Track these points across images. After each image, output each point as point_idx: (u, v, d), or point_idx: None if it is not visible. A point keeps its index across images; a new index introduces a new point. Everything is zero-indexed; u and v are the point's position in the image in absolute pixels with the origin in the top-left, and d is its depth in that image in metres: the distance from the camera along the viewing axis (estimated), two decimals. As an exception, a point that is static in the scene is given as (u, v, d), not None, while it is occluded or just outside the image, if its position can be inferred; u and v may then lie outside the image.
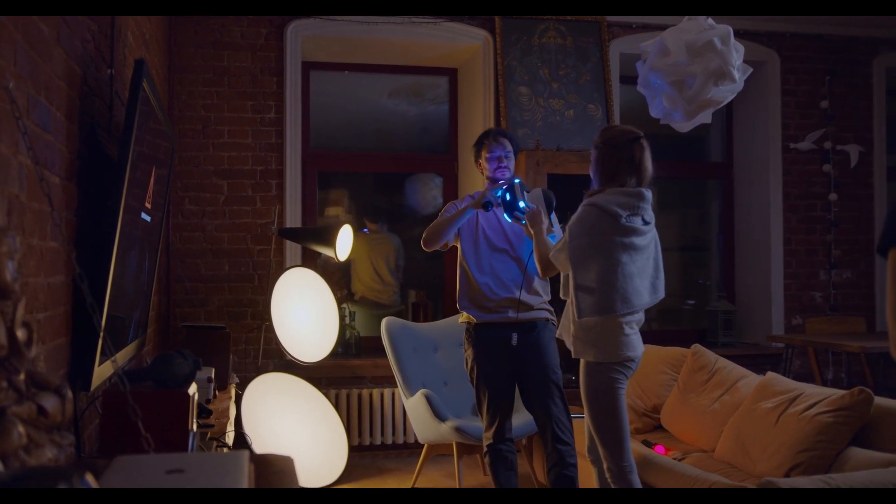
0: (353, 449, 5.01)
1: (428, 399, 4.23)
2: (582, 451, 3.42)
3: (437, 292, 6.01)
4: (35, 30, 1.90)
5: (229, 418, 3.38)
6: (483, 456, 3.72)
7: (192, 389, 2.14)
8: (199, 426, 2.50)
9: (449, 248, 3.87)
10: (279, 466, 1.40)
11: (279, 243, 5.11)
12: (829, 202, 6.04)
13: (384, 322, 4.61)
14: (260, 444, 4.16)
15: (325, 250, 4.74)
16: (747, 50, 3.53)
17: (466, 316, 3.71)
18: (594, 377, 2.97)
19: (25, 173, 1.80)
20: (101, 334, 2.03)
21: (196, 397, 2.21)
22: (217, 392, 3.51)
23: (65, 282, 2.20)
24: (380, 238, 6.19)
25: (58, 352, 2.12)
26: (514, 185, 3.46)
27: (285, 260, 5.15)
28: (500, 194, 3.52)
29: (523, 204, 3.44)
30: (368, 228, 6.21)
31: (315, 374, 4.98)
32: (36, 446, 1.24)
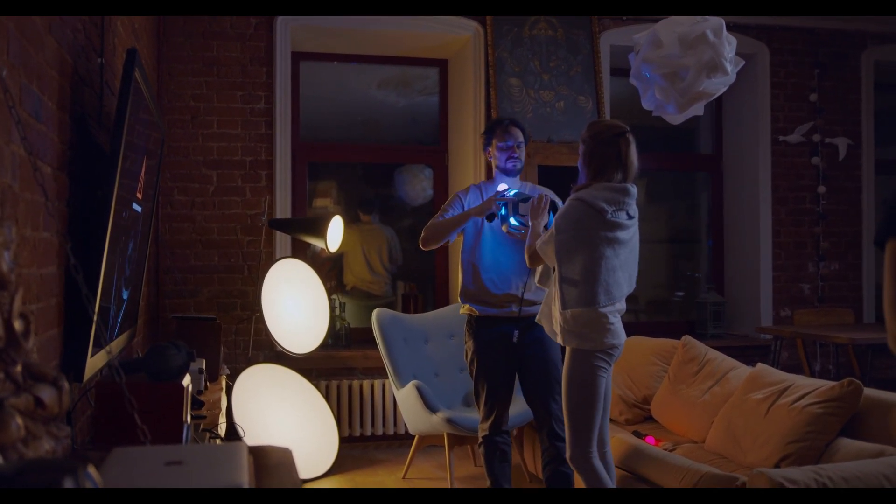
0: (344, 440, 5.01)
1: (419, 390, 4.23)
2: None
3: (428, 284, 6.01)
4: (27, 18, 1.88)
5: (221, 410, 3.37)
6: (478, 446, 3.72)
7: (186, 381, 2.14)
8: (192, 417, 2.49)
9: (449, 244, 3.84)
10: (278, 458, 1.40)
11: (269, 234, 5.09)
12: (818, 195, 6.07)
13: (375, 313, 4.60)
14: (251, 436, 4.15)
15: (316, 241, 4.73)
16: (737, 43, 3.53)
17: (468, 308, 3.69)
18: (579, 364, 3.08)
19: (18, 163, 1.78)
20: (95, 323, 2.02)
21: (190, 389, 2.20)
22: (208, 383, 3.50)
23: (56, 273, 2.18)
24: (372, 229, 6.17)
25: (50, 343, 2.10)
26: (510, 202, 3.50)
27: (275, 251, 5.13)
28: (502, 205, 3.54)
29: (514, 221, 3.49)
30: (361, 219, 6.19)
31: (305, 366, 4.97)
32: (34, 438, 1.23)
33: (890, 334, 1.91)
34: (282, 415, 4.58)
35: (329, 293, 5.01)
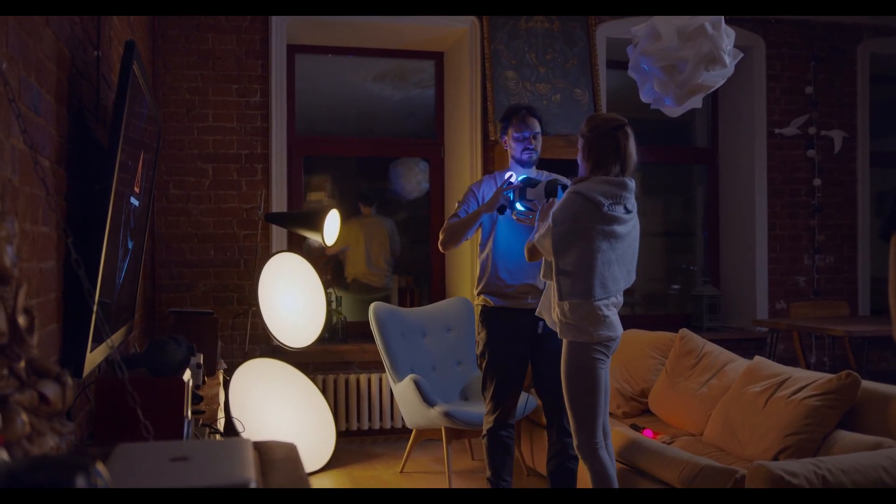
0: (341, 434, 5.00)
1: (417, 384, 4.22)
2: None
3: (424, 277, 6.00)
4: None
5: (219, 404, 3.36)
6: (481, 437, 3.70)
7: (187, 376, 2.13)
8: (192, 412, 2.48)
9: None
10: (283, 453, 1.39)
11: (265, 228, 5.07)
12: (814, 187, 6.08)
13: (372, 307, 4.59)
14: (248, 430, 4.14)
15: (313, 235, 4.71)
16: (734, 35, 3.52)
17: (483, 298, 3.66)
18: (576, 356, 3.09)
19: (18, 157, 1.76)
20: (95, 318, 2.01)
21: (190, 384, 2.19)
22: (206, 378, 3.49)
23: (55, 267, 2.17)
24: (373, 221, 6.16)
25: (49, 338, 2.09)
26: (516, 188, 3.48)
27: (271, 245, 5.11)
28: (509, 194, 3.52)
29: (521, 206, 3.48)
30: (363, 211, 6.18)
31: (302, 360, 4.96)
32: (38, 435, 1.22)
33: (895, 325, 1.92)
34: (279, 409, 4.57)
35: (325, 287, 5.00)
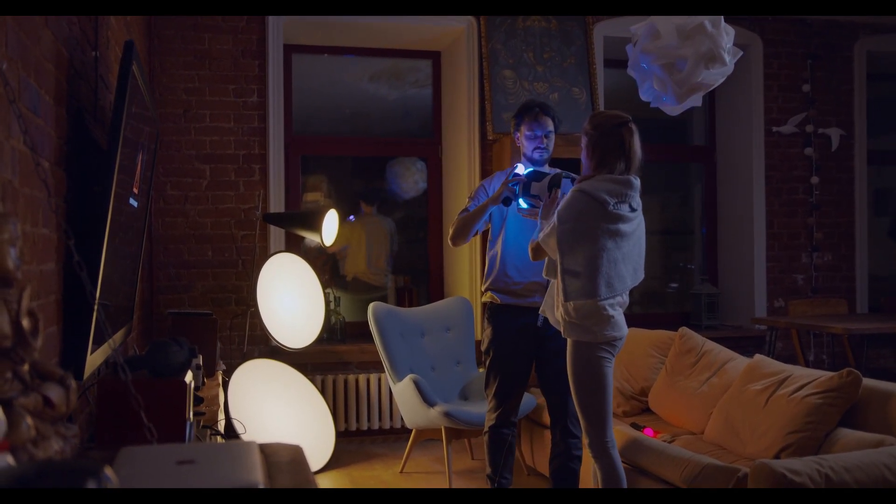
0: (340, 435, 4.99)
1: (417, 384, 4.21)
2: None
3: (422, 277, 5.98)
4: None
5: (220, 405, 3.35)
6: (483, 434, 3.69)
7: (189, 378, 2.11)
8: (193, 414, 2.47)
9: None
10: (289, 455, 1.38)
11: (263, 228, 5.06)
12: (811, 185, 6.09)
13: (371, 307, 4.58)
14: (249, 432, 4.13)
15: (311, 235, 4.70)
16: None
17: (490, 295, 3.64)
18: (581, 356, 3.08)
19: (18, 158, 1.75)
20: (95, 320, 2.00)
21: (192, 385, 2.18)
22: (205, 379, 3.48)
23: (55, 269, 2.15)
24: (375, 221, 6.15)
25: (49, 341, 2.07)
26: (522, 182, 3.43)
27: (269, 245, 5.09)
28: (515, 187, 3.47)
29: (524, 203, 3.45)
30: (364, 210, 6.17)
31: (300, 360, 4.94)
32: (43, 438, 1.21)
33: None
34: (278, 410, 4.56)
35: (324, 287, 4.98)
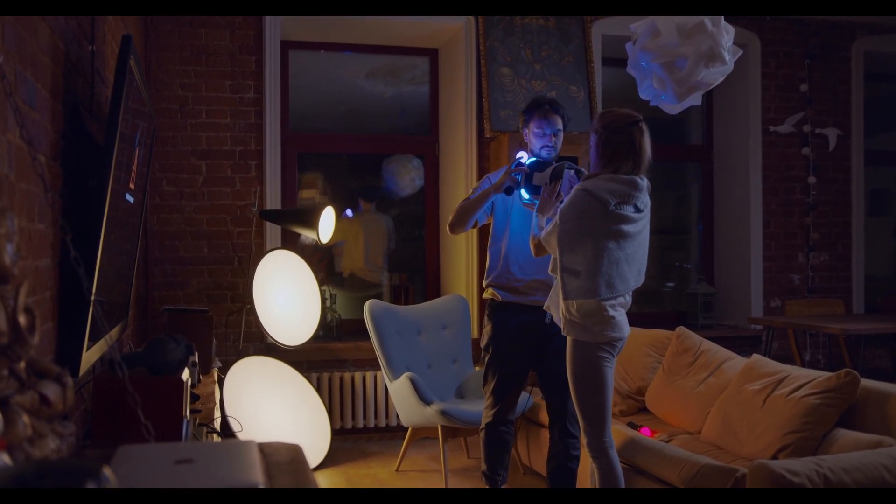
0: (336, 433, 4.97)
1: (413, 382, 4.20)
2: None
3: (418, 275, 5.97)
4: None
5: (215, 403, 3.33)
6: (479, 431, 3.66)
7: (185, 375, 2.09)
8: (190, 412, 2.45)
9: (479, 227, 3.72)
10: (288, 455, 1.36)
11: (259, 225, 5.04)
12: (808, 185, 6.08)
13: (368, 305, 4.56)
14: (244, 429, 4.11)
15: (308, 232, 4.68)
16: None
17: (491, 292, 3.59)
18: (581, 355, 3.04)
19: (14, 152, 1.73)
20: (91, 317, 1.98)
21: (189, 383, 2.16)
22: (201, 376, 3.46)
23: (51, 265, 2.13)
24: (373, 218, 6.13)
25: (44, 337, 2.05)
26: (524, 171, 3.39)
27: (265, 242, 5.07)
28: (518, 176, 3.42)
29: (525, 194, 3.40)
30: (363, 207, 6.15)
31: (296, 358, 4.92)
32: (39, 437, 1.19)
33: None
34: (273, 407, 4.54)
35: (319, 284, 4.96)
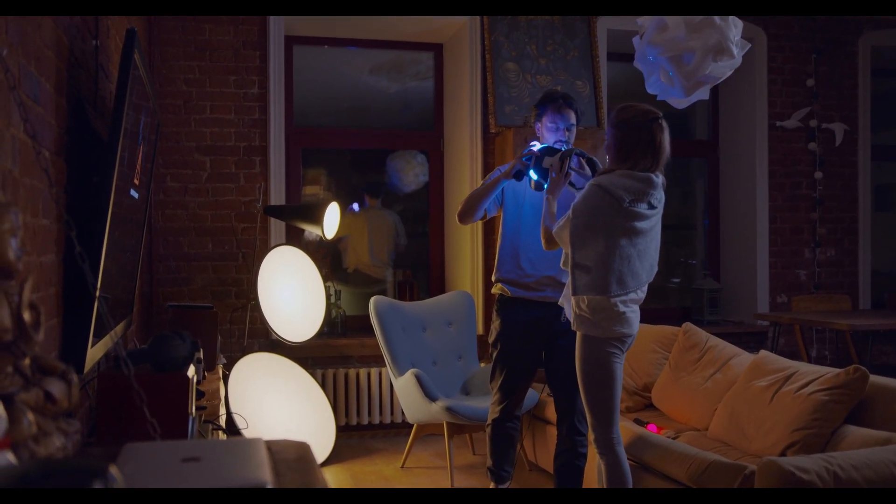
0: (341, 429, 4.96)
1: (418, 378, 4.18)
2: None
3: (422, 271, 5.95)
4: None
5: (220, 400, 3.32)
6: (486, 427, 3.63)
7: (191, 372, 2.08)
8: (195, 409, 2.43)
9: (488, 219, 3.68)
10: (296, 453, 1.35)
11: (264, 221, 5.02)
12: (815, 180, 6.05)
13: (372, 301, 4.54)
14: (249, 426, 4.10)
15: (313, 228, 4.66)
16: (739, 27, 3.49)
17: (500, 287, 3.54)
18: (590, 351, 3.02)
19: (18, 147, 1.71)
20: (96, 313, 1.96)
21: (194, 380, 2.14)
22: (206, 373, 3.44)
23: (55, 261, 2.11)
24: (379, 214, 6.12)
25: (49, 334, 2.03)
26: (535, 155, 3.32)
27: (270, 238, 5.06)
28: (528, 161, 3.34)
29: (534, 174, 3.32)
30: (369, 203, 6.13)
31: (301, 354, 4.91)
32: (44, 435, 1.17)
33: None
34: (278, 404, 4.52)
35: (324, 280, 4.95)
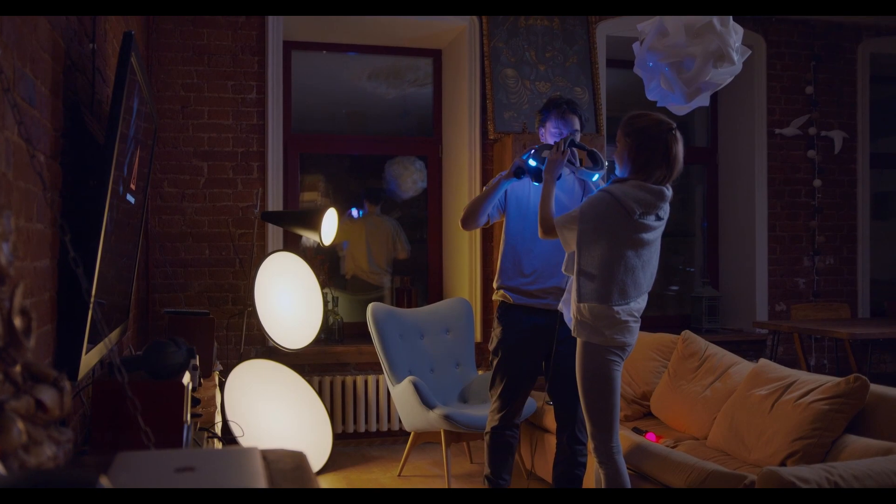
0: (338, 437, 4.92)
1: (416, 386, 4.15)
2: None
3: (420, 277, 5.92)
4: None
5: (216, 407, 3.29)
6: (484, 434, 3.59)
7: (186, 379, 2.05)
8: (190, 416, 2.40)
9: (492, 225, 3.65)
10: (292, 463, 1.32)
11: (261, 227, 4.99)
12: (814, 188, 6.04)
13: (370, 308, 4.52)
14: (245, 434, 4.07)
15: (310, 234, 4.64)
16: (738, 34, 3.47)
17: (502, 294, 3.51)
18: (590, 358, 3.00)
19: (12, 150, 1.69)
20: (90, 319, 1.94)
21: (190, 387, 2.12)
22: (202, 380, 3.41)
23: (50, 266, 2.09)
24: (378, 220, 6.09)
25: (42, 340, 2.01)
26: (533, 149, 3.30)
27: (267, 244, 5.03)
28: (526, 158, 3.32)
29: (533, 161, 3.29)
30: (368, 209, 6.11)
31: (298, 361, 4.88)
32: (35, 444, 1.15)
33: None
34: (275, 412, 4.49)
35: (321, 287, 4.92)
